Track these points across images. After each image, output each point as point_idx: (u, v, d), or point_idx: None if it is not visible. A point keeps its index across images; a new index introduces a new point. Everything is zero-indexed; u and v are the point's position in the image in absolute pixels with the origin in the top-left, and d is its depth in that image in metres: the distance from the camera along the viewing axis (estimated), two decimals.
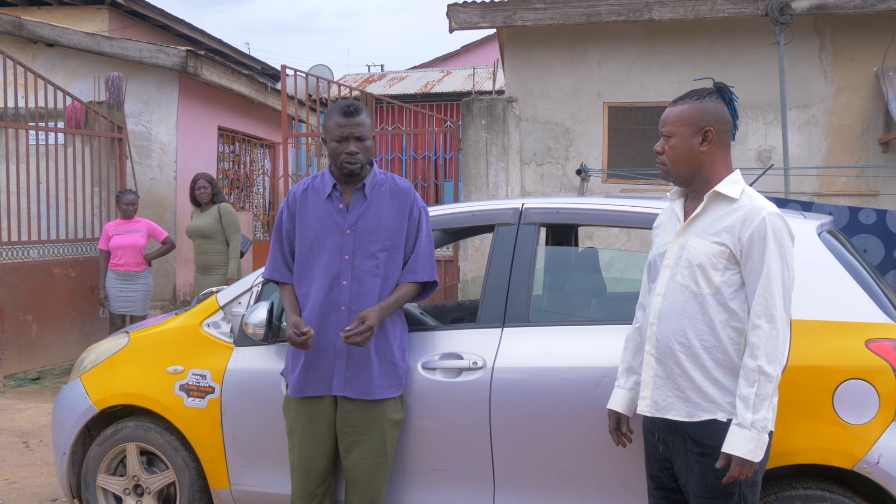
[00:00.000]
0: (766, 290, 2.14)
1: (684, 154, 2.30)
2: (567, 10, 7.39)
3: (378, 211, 2.84)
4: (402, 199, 2.89)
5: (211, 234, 6.19)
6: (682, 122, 2.30)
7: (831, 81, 7.37)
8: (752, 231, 2.17)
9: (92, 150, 8.04)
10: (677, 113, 2.31)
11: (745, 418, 2.09)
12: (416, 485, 2.94)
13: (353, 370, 2.79)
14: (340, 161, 2.81)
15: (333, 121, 2.83)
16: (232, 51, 14.31)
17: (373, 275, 2.81)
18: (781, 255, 2.16)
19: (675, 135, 2.31)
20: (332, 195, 2.87)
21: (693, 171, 2.31)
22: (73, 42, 9.49)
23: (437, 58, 20.39)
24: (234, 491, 3.19)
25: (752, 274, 2.17)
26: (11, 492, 4.28)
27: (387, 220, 2.84)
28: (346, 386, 2.79)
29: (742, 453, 2.08)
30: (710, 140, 2.28)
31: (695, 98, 2.31)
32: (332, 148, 2.83)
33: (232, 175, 11.64)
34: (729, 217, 2.22)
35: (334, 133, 2.82)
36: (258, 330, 2.99)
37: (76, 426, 3.43)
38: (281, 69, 8.02)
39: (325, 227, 2.84)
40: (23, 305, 7.03)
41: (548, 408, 2.76)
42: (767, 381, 2.10)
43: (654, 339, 2.30)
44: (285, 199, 2.98)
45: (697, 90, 2.34)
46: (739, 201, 2.23)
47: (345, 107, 2.83)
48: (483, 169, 7.77)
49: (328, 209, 2.85)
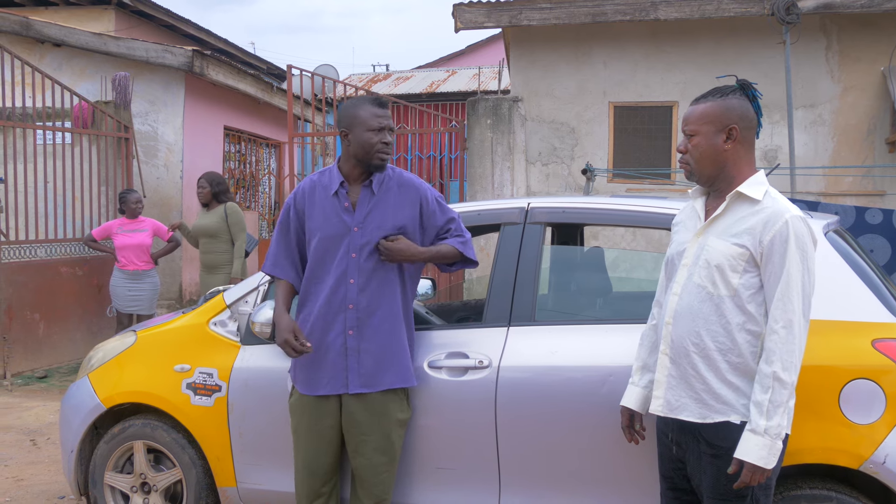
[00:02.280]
0: (785, 294, 2.10)
1: (708, 153, 2.25)
2: (572, 9, 7.39)
3: (385, 207, 2.82)
4: (410, 192, 2.86)
5: (216, 233, 6.21)
6: (705, 121, 2.25)
7: (838, 81, 7.35)
8: (774, 234, 2.13)
9: (99, 149, 8.07)
10: (700, 111, 2.27)
11: (758, 424, 2.07)
12: (422, 483, 2.94)
13: (364, 367, 2.78)
14: (376, 150, 2.78)
15: (367, 111, 2.79)
16: (238, 51, 14.33)
17: (381, 271, 2.80)
18: (803, 259, 2.12)
19: (698, 133, 2.26)
20: (338, 192, 2.84)
21: (717, 170, 2.27)
22: (80, 42, 9.52)
23: (443, 57, 20.39)
24: (240, 489, 3.20)
25: (772, 277, 2.13)
26: (19, 489, 4.31)
27: (395, 216, 2.82)
28: (357, 383, 2.77)
29: (754, 460, 2.06)
30: (734, 138, 2.23)
31: (718, 96, 2.27)
32: (365, 138, 2.77)
33: (238, 174, 11.67)
34: (751, 219, 2.18)
35: (370, 123, 2.77)
36: (265, 328, 2.99)
37: (84, 424, 3.44)
38: (287, 69, 8.04)
39: (333, 225, 2.81)
40: (30, 304, 7.06)
41: (553, 407, 2.76)
42: (782, 387, 2.07)
43: (670, 339, 2.27)
44: (291, 194, 2.95)
45: (720, 87, 2.29)
46: (762, 203, 2.19)
47: (377, 99, 2.84)
48: (488, 168, 7.78)
49: (335, 207, 2.83)
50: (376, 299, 2.79)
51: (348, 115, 2.83)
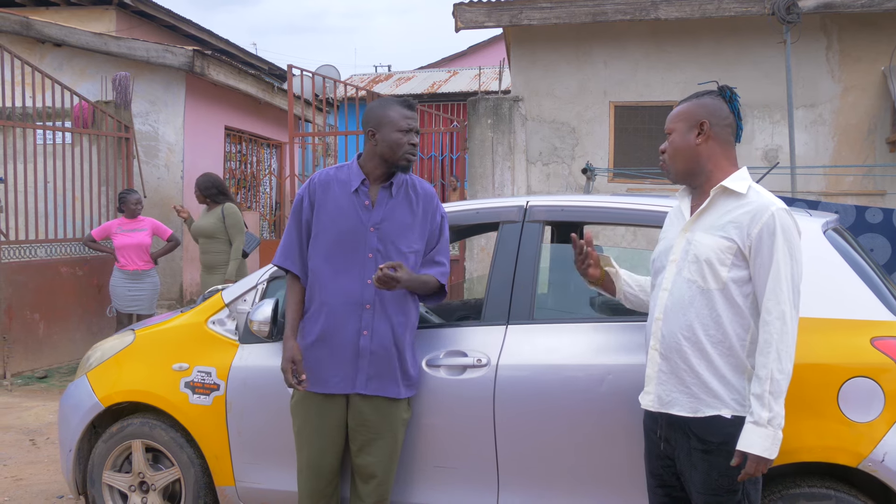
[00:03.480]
0: (775, 286, 2.14)
1: (680, 148, 2.34)
2: (573, 9, 7.38)
3: (403, 212, 2.81)
4: (426, 203, 2.87)
5: (214, 233, 6.21)
6: (679, 119, 2.37)
7: (838, 80, 7.35)
8: (761, 227, 2.17)
9: (99, 149, 8.08)
10: (676, 111, 2.40)
11: (761, 416, 2.09)
12: (421, 482, 2.94)
13: (376, 368, 2.77)
14: (404, 152, 2.78)
15: (397, 112, 2.79)
16: (239, 51, 14.33)
17: None
18: (791, 251, 2.16)
19: (673, 131, 2.38)
20: (358, 190, 2.81)
21: (689, 165, 2.34)
22: (81, 42, 9.53)
23: (444, 58, 20.42)
24: (238, 488, 3.20)
25: (762, 270, 2.17)
26: (18, 489, 4.31)
27: (411, 223, 2.82)
28: (368, 384, 2.76)
29: (759, 451, 2.08)
30: (704, 133, 2.30)
31: (694, 97, 2.39)
32: (394, 139, 2.76)
33: (238, 175, 11.67)
34: (736, 212, 2.22)
35: (399, 124, 2.77)
36: (263, 327, 2.99)
37: (82, 423, 3.44)
38: (287, 69, 8.04)
39: (350, 220, 2.78)
40: (30, 304, 7.06)
41: (551, 405, 2.76)
42: (781, 377, 2.10)
43: (660, 335, 2.29)
44: (305, 185, 2.91)
45: (699, 91, 2.41)
46: (747, 197, 2.23)
47: (406, 100, 2.85)
48: (489, 168, 7.77)
49: (353, 203, 2.80)
50: (393, 299, 2.78)
51: (376, 115, 2.82)
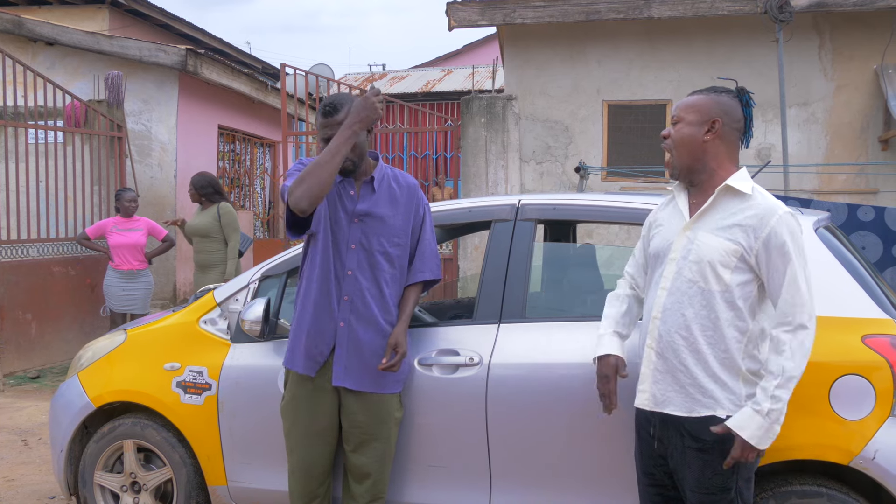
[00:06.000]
0: (794, 290, 2.13)
1: (687, 140, 2.30)
2: (566, 7, 7.38)
3: (385, 206, 2.81)
4: (409, 196, 2.86)
5: (209, 233, 6.19)
6: (692, 110, 2.31)
7: (831, 79, 7.36)
8: (769, 232, 2.16)
9: (91, 148, 8.04)
10: (691, 101, 2.34)
11: (762, 407, 2.09)
12: (414, 481, 2.93)
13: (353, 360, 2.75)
14: None
15: (318, 122, 2.79)
16: (232, 50, 14.30)
17: (378, 269, 2.77)
18: (800, 254, 2.17)
19: (682, 120, 2.32)
20: (345, 180, 2.80)
21: (692, 160, 2.30)
22: (73, 41, 9.49)
23: (439, 57, 20.41)
24: (230, 488, 3.19)
25: (776, 275, 2.16)
26: (10, 489, 4.29)
27: (394, 216, 2.81)
28: (346, 376, 2.75)
29: (747, 436, 2.08)
30: (715, 131, 2.27)
31: (712, 92, 2.33)
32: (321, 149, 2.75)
33: (232, 174, 11.64)
34: (741, 214, 2.21)
35: (320, 134, 2.77)
36: (255, 326, 2.99)
37: (73, 423, 3.43)
38: (280, 67, 8.02)
39: (336, 208, 2.77)
40: (22, 304, 7.03)
41: (544, 403, 2.75)
42: (791, 377, 2.10)
43: (657, 333, 2.28)
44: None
45: (717, 86, 2.36)
46: (753, 199, 2.22)
47: (323, 106, 2.76)
48: (482, 167, 7.77)
49: (339, 191, 2.79)
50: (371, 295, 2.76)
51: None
